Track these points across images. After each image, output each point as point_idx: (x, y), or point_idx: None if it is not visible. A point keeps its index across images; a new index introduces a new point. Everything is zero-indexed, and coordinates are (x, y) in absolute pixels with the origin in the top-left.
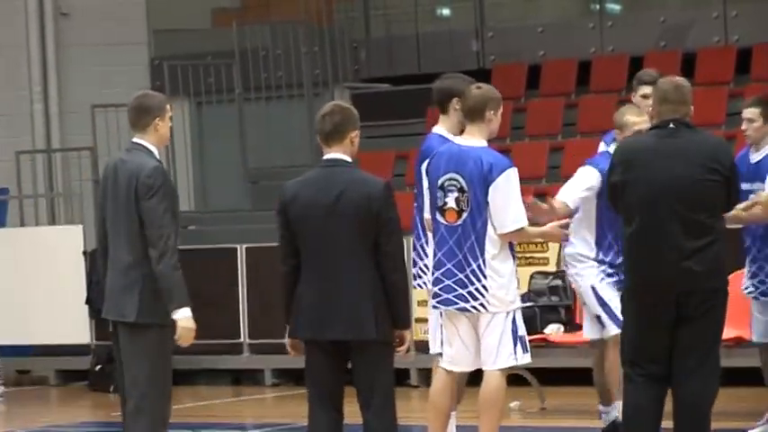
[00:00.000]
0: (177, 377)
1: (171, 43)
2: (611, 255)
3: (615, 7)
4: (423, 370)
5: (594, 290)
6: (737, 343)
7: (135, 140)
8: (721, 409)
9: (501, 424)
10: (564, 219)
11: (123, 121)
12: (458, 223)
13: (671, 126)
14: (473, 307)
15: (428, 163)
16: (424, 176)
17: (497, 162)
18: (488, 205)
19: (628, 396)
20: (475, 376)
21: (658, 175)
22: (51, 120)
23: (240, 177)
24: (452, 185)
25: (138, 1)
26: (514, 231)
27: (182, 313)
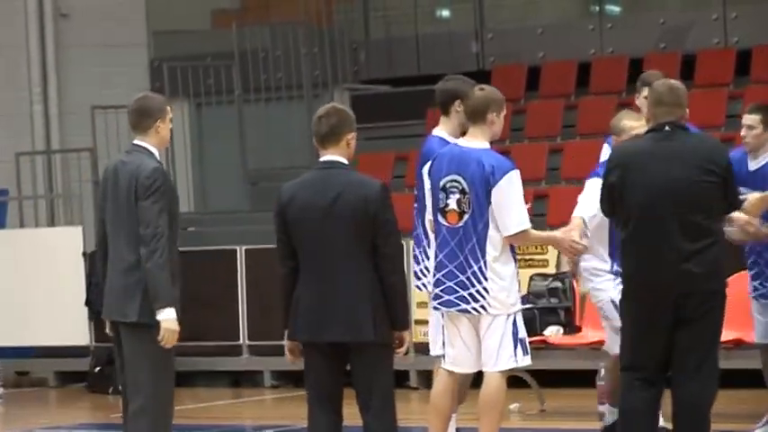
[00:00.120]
0: (177, 378)
1: (170, 44)
2: None
3: (615, 9)
4: (422, 372)
5: (614, 303)
6: (737, 345)
7: (135, 142)
8: (721, 411)
9: (501, 426)
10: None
11: (123, 123)
12: (459, 225)
13: (666, 129)
14: (474, 309)
15: (430, 164)
16: (426, 178)
17: (499, 164)
18: (490, 207)
19: (625, 400)
20: (475, 378)
21: (655, 178)
22: (51, 121)
23: (240, 179)
24: (454, 187)
25: (138, 2)
26: (518, 234)
27: (166, 314)
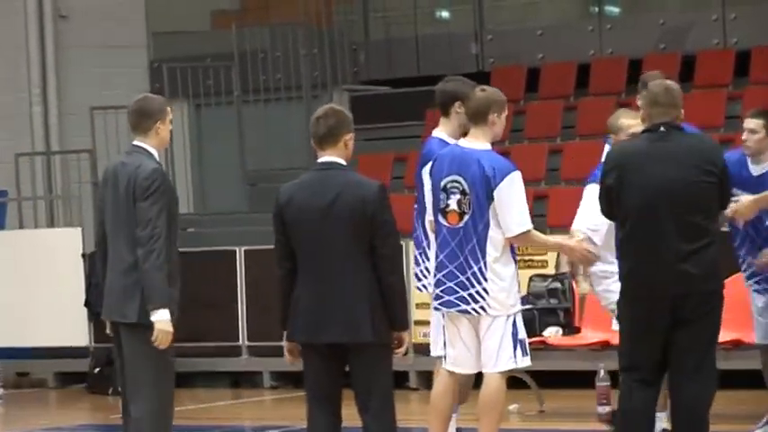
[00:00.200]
0: (176, 379)
1: (170, 45)
2: None
3: (614, 10)
4: (422, 372)
5: None
6: (736, 345)
7: (135, 143)
8: (720, 412)
9: (500, 426)
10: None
11: (122, 124)
12: (459, 225)
13: (662, 129)
14: (473, 309)
15: (431, 165)
16: (426, 179)
17: (500, 166)
18: (490, 208)
19: (623, 400)
20: (476, 379)
21: (652, 179)
22: (50, 122)
23: (239, 179)
24: (455, 188)
25: (138, 3)
26: (520, 235)
27: (159, 315)
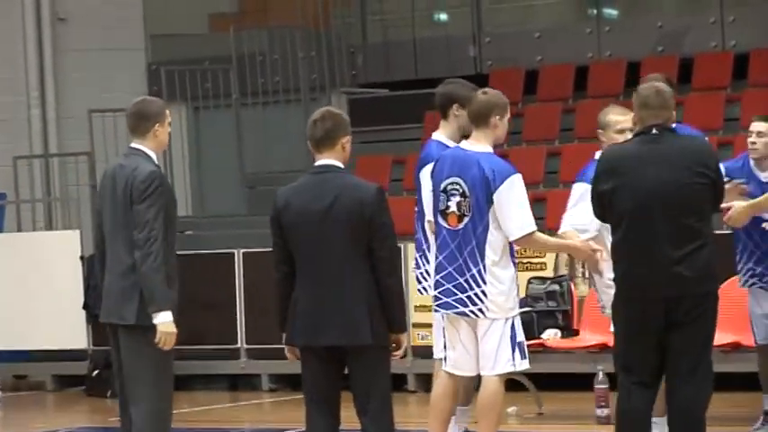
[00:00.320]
0: (174, 382)
1: (168, 48)
2: None
3: (612, 12)
4: (420, 375)
5: None
6: (735, 348)
7: (133, 146)
8: (718, 414)
9: (499, 429)
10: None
11: (121, 126)
12: (459, 227)
13: (654, 132)
14: (471, 312)
15: (433, 166)
16: (424, 181)
17: (500, 169)
18: (490, 211)
19: (621, 401)
20: (476, 381)
21: (644, 182)
22: (49, 125)
23: (237, 182)
24: (455, 190)
25: (136, 6)
26: (523, 238)
27: (161, 317)
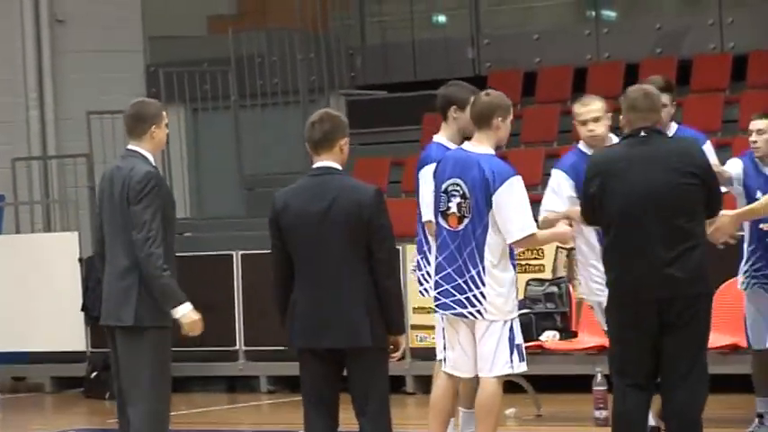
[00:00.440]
0: (172, 384)
1: (167, 50)
2: None
3: (611, 14)
4: (419, 377)
5: None
6: (733, 350)
7: (129, 147)
8: (716, 416)
9: (497, 431)
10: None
11: (119, 128)
12: (459, 229)
13: (642, 134)
14: (470, 313)
15: (436, 167)
16: (422, 182)
17: (500, 171)
18: (489, 213)
19: (616, 404)
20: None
21: (634, 184)
22: (47, 126)
23: (236, 184)
24: (455, 191)
25: (134, 8)
26: (523, 239)
27: (181, 311)
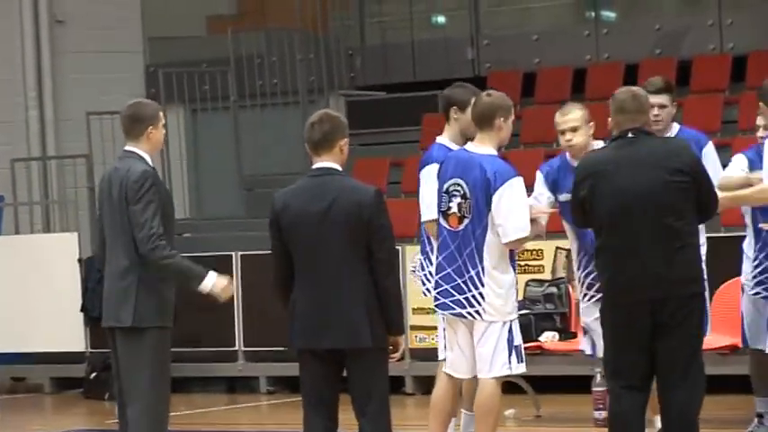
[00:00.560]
0: (172, 384)
1: (166, 50)
2: None
3: (610, 15)
4: (418, 377)
5: None
6: (733, 350)
7: (127, 148)
8: (715, 417)
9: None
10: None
11: (118, 129)
12: (459, 229)
13: (630, 135)
14: (468, 313)
15: (439, 167)
16: (422, 181)
17: (501, 171)
18: (489, 214)
19: (612, 405)
20: None
21: (623, 185)
22: (46, 127)
23: (235, 184)
24: (456, 191)
25: (134, 8)
26: (517, 240)
27: (207, 283)
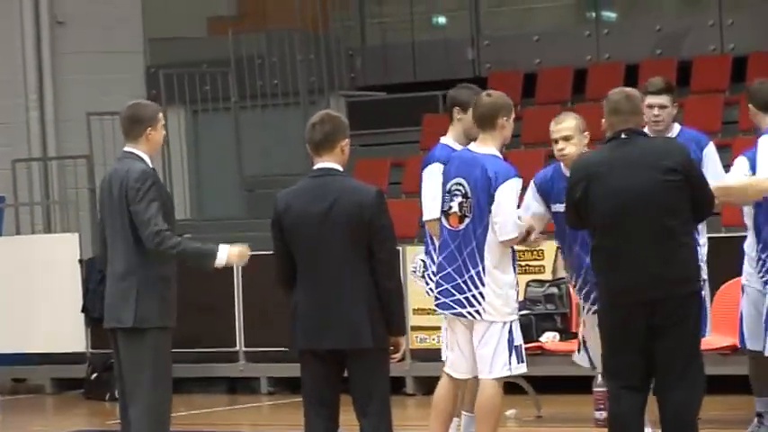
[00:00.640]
0: (172, 385)
1: (167, 51)
2: None
3: (611, 15)
4: (419, 378)
5: None
6: (733, 351)
7: (126, 149)
8: (715, 417)
9: None
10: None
11: (119, 129)
12: (460, 228)
13: (623, 136)
14: (468, 313)
15: (444, 168)
16: (424, 181)
17: (501, 171)
18: (490, 213)
19: (611, 406)
20: None
21: (618, 186)
22: (47, 128)
23: (236, 185)
24: (458, 190)
25: (134, 9)
26: (512, 240)
27: (221, 258)
